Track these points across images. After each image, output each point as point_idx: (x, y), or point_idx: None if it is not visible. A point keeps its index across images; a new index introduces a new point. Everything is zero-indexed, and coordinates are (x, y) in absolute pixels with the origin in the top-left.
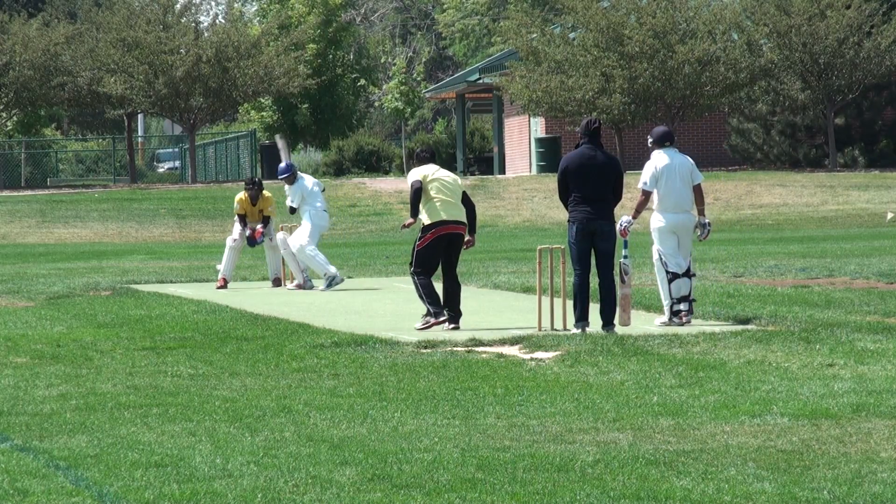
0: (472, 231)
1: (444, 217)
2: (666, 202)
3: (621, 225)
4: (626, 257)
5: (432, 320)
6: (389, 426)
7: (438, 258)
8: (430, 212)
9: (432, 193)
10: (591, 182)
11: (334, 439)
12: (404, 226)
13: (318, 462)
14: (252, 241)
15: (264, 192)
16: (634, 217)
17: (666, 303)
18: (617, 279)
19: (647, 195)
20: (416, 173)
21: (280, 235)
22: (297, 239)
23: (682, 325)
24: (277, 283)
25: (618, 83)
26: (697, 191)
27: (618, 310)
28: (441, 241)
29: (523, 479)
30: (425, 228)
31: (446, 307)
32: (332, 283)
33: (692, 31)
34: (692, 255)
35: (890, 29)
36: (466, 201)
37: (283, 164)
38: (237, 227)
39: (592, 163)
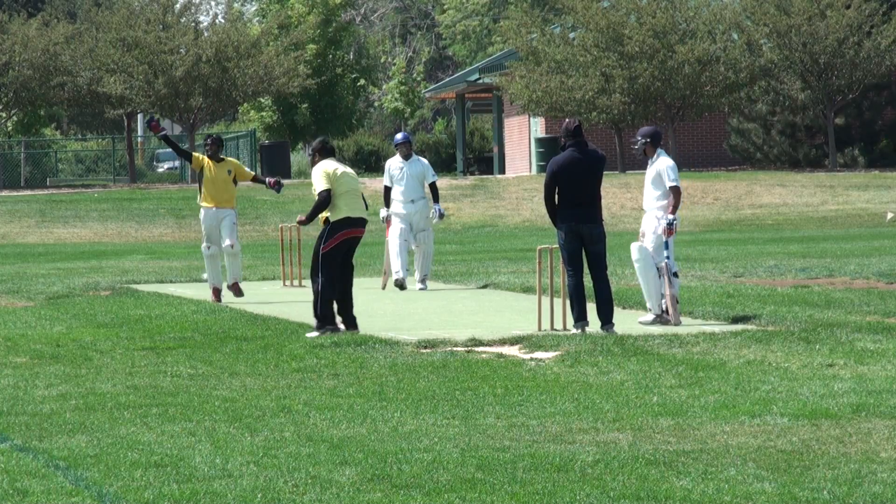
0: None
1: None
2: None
3: (672, 226)
4: (668, 258)
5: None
6: (389, 426)
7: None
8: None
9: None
10: (580, 184)
11: (334, 439)
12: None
13: (318, 462)
14: (152, 126)
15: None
16: (673, 213)
17: (655, 302)
18: (664, 279)
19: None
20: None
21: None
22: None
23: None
24: (237, 289)
25: (618, 83)
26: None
27: (670, 310)
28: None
29: (523, 479)
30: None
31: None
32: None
33: (692, 31)
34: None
35: (890, 29)
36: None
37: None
38: (204, 220)
39: (582, 165)
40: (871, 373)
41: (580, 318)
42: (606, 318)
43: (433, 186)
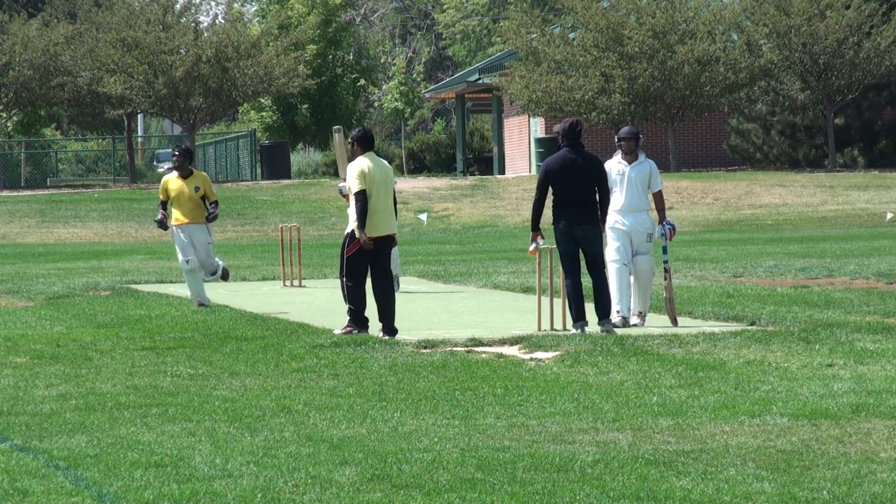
0: None
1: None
2: None
3: (674, 230)
4: (666, 261)
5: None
6: (389, 426)
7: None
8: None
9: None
10: (574, 185)
11: (334, 439)
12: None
13: (318, 462)
14: (164, 224)
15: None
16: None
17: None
18: (670, 282)
19: None
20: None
21: None
22: None
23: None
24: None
25: (617, 83)
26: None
27: (670, 311)
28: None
29: (523, 479)
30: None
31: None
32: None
33: (692, 32)
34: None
35: (889, 29)
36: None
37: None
38: (176, 238)
39: (575, 166)
40: (871, 373)
41: (579, 319)
42: (604, 314)
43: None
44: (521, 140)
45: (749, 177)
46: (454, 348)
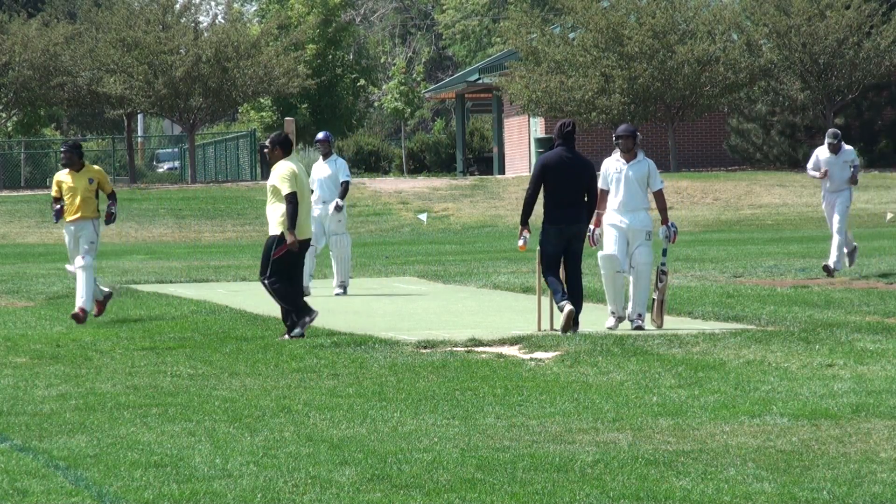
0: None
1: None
2: None
3: (676, 231)
4: (664, 263)
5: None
6: (389, 426)
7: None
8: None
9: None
10: (568, 183)
11: (334, 439)
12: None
13: (318, 462)
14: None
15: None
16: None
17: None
18: (658, 284)
19: None
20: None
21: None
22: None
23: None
24: (83, 316)
25: (617, 83)
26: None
27: (658, 312)
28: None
29: (523, 479)
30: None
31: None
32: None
33: (692, 32)
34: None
35: (889, 29)
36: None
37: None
38: (68, 242)
39: (570, 164)
40: (871, 373)
41: (564, 298)
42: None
43: (344, 186)
44: (521, 140)
45: (749, 177)
46: (454, 348)
